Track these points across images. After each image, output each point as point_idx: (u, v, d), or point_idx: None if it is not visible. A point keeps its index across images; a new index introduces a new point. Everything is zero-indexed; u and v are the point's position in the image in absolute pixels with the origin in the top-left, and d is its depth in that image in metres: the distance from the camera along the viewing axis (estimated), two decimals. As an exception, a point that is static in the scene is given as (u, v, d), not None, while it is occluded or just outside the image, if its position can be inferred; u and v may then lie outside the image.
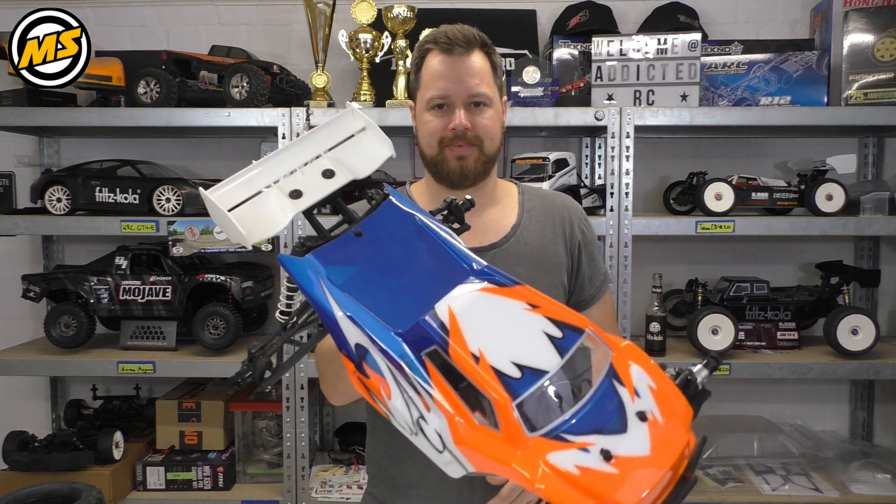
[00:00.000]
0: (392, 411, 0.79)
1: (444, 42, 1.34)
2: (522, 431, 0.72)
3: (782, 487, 2.47)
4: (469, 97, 1.34)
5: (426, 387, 0.75)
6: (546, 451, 0.70)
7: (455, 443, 0.74)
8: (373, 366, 0.80)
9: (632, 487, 0.67)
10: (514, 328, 0.79)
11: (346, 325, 0.81)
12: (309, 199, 0.88)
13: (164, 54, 2.56)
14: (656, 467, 0.69)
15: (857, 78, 2.45)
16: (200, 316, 2.45)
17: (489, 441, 0.72)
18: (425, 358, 0.76)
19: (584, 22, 2.67)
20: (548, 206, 1.49)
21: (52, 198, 2.48)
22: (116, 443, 2.48)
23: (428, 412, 0.75)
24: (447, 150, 1.36)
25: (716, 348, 2.40)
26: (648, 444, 0.72)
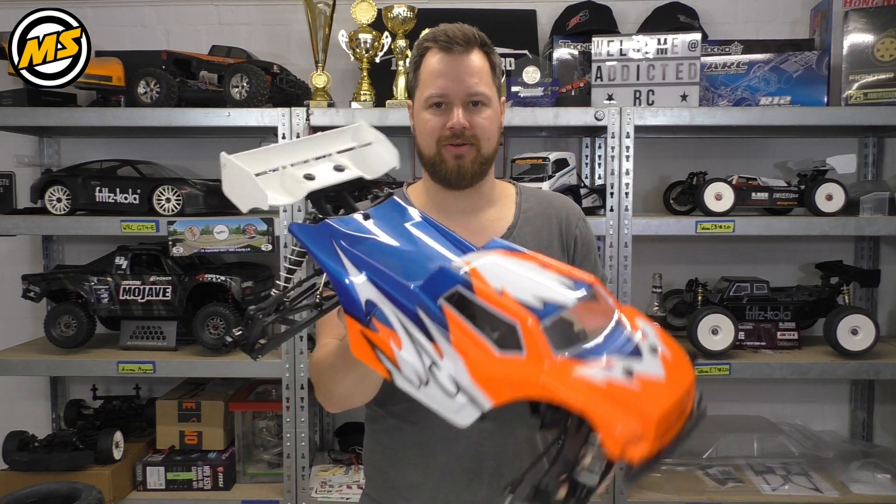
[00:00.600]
0: (400, 363, 0.81)
1: (443, 40, 1.34)
2: (549, 350, 0.74)
3: (782, 487, 2.47)
4: (467, 96, 1.34)
5: (443, 331, 0.78)
6: (572, 367, 0.73)
7: (474, 379, 0.76)
8: (382, 319, 0.83)
9: (653, 403, 0.70)
10: (530, 277, 0.83)
11: (358, 281, 0.84)
12: (321, 183, 0.91)
13: (164, 54, 2.56)
14: (672, 389, 0.74)
15: (857, 78, 2.45)
16: (200, 316, 2.45)
17: (512, 366, 0.75)
18: (443, 304, 0.79)
19: (584, 22, 2.67)
20: (545, 206, 1.48)
21: (52, 198, 2.48)
22: (116, 443, 2.48)
23: (441, 358, 0.78)
24: (445, 149, 1.36)
25: (716, 348, 2.40)
26: (663, 371, 0.75)
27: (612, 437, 0.69)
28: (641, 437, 0.69)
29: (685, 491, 2.47)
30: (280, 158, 0.89)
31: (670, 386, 0.74)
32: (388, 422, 1.43)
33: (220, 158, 0.87)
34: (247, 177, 0.85)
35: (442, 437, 1.37)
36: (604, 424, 0.69)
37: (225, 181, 0.88)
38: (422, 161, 1.42)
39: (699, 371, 2.38)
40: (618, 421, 0.69)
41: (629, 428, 0.68)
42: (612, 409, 0.69)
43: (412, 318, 0.81)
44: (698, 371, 2.37)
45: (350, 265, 0.86)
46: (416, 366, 0.81)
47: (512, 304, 0.77)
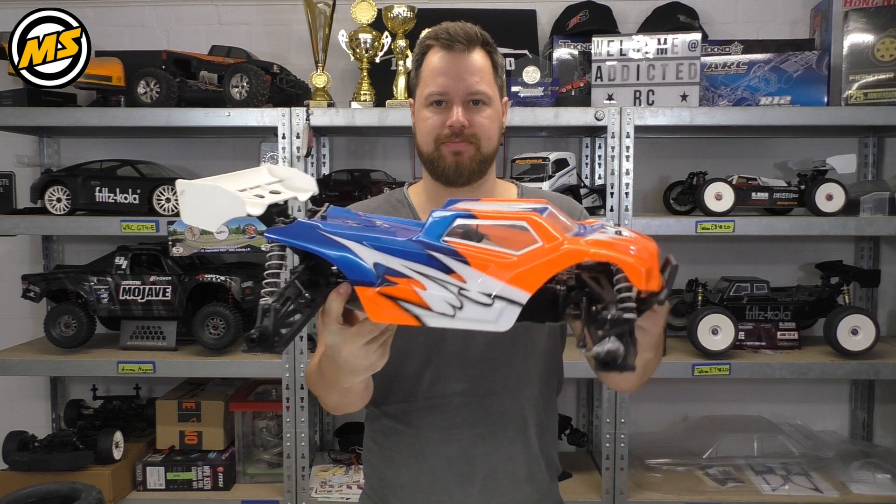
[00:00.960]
0: (428, 300, 0.88)
1: (444, 38, 1.33)
2: (560, 231, 0.88)
3: (782, 487, 2.47)
4: (468, 95, 1.33)
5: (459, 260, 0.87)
6: (580, 238, 0.87)
7: (506, 281, 0.85)
8: (395, 274, 0.89)
9: (648, 244, 0.87)
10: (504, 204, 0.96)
11: (359, 249, 0.89)
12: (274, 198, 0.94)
13: (164, 54, 2.55)
14: (650, 243, 0.89)
15: (857, 78, 2.45)
16: (200, 316, 2.45)
17: (534, 256, 0.86)
18: (448, 240, 0.88)
19: (584, 22, 2.67)
20: None
21: (52, 198, 2.48)
22: (116, 443, 2.48)
23: (465, 282, 0.87)
24: (443, 146, 1.35)
25: (716, 348, 2.40)
26: (636, 234, 0.91)
27: (636, 272, 0.82)
28: (653, 270, 0.84)
29: (685, 491, 2.47)
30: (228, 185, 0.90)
31: (648, 240, 0.90)
32: (383, 422, 1.44)
33: (176, 187, 0.87)
34: (218, 191, 0.86)
35: (435, 439, 1.37)
36: (626, 264, 0.82)
37: (186, 208, 0.88)
38: (421, 159, 1.42)
39: (699, 371, 2.38)
40: (636, 259, 0.82)
41: (643, 262, 0.83)
42: (628, 253, 0.83)
43: (424, 262, 0.88)
44: (698, 371, 2.38)
45: (345, 241, 0.90)
46: (445, 296, 0.87)
47: (511, 213, 0.89)
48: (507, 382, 1.37)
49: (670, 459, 2.65)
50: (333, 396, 1.27)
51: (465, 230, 0.89)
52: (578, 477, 2.59)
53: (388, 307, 0.90)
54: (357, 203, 1.50)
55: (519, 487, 1.40)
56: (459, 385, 1.36)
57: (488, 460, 1.37)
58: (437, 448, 1.37)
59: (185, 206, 0.88)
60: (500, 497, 1.38)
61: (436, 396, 1.36)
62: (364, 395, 1.30)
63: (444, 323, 0.89)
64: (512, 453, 1.39)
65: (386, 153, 2.90)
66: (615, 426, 2.41)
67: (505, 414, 1.38)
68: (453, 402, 1.36)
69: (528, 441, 1.41)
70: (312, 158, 2.73)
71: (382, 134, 2.85)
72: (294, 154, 2.38)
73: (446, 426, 1.37)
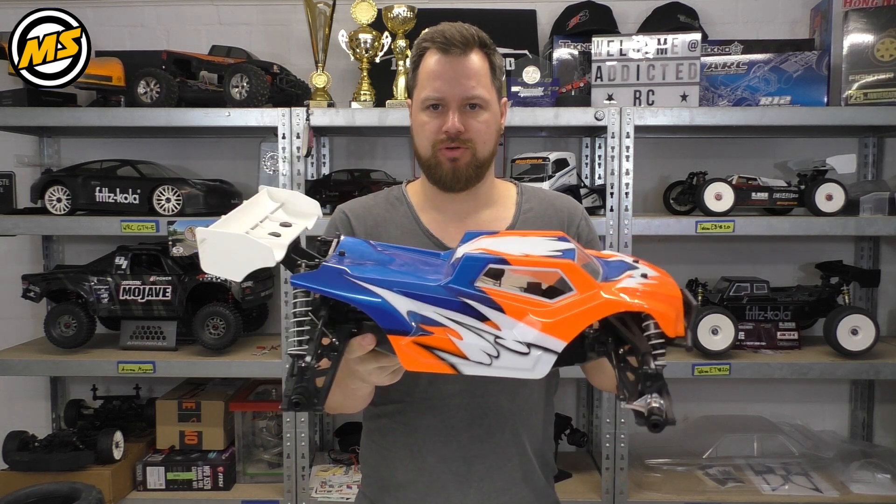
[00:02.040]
0: (465, 350, 0.88)
1: (440, 41, 1.32)
2: (594, 279, 0.89)
3: (782, 487, 2.47)
4: (463, 99, 1.32)
5: (493, 308, 0.87)
6: (612, 286, 0.89)
7: (542, 330, 0.86)
8: (429, 322, 0.88)
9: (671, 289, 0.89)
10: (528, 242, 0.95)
11: (392, 298, 0.88)
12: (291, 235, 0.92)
13: (164, 54, 2.56)
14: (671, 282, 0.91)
15: (857, 78, 2.45)
16: (200, 316, 2.46)
17: (570, 305, 0.87)
18: (480, 286, 0.87)
19: (584, 22, 2.67)
20: (546, 207, 1.47)
21: (52, 198, 2.48)
22: (116, 443, 2.48)
23: (500, 330, 0.87)
24: (440, 152, 1.35)
25: (716, 348, 2.40)
26: (657, 273, 0.94)
27: (669, 322, 0.85)
28: (679, 315, 0.87)
29: (685, 491, 2.46)
30: (241, 225, 0.88)
31: (668, 278, 0.92)
32: (381, 421, 1.44)
33: (196, 235, 0.84)
34: (245, 240, 0.83)
35: (432, 439, 1.37)
36: (662, 315, 0.84)
37: (207, 257, 0.84)
38: (419, 162, 1.41)
39: (699, 371, 2.38)
40: (667, 308, 0.85)
41: (675, 311, 0.85)
42: (660, 302, 0.85)
43: (457, 309, 0.87)
44: (698, 371, 2.38)
45: (375, 287, 0.88)
46: (481, 345, 0.88)
47: (545, 260, 0.89)
48: (504, 384, 1.36)
49: (670, 459, 2.65)
50: (336, 395, 1.27)
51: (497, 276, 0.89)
52: (578, 477, 2.59)
53: (423, 356, 0.90)
54: (354, 200, 1.50)
55: (516, 488, 1.40)
56: (457, 386, 1.36)
57: (485, 461, 1.37)
58: (433, 448, 1.38)
59: (206, 255, 0.85)
60: (496, 497, 1.38)
61: (433, 397, 1.37)
62: (366, 399, 1.31)
63: (481, 371, 0.89)
64: (509, 455, 1.39)
65: (386, 153, 2.90)
66: (615, 426, 2.41)
67: (502, 416, 1.38)
68: (450, 403, 1.36)
69: (525, 442, 1.41)
70: (312, 158, 2.74)
71: (382, 134, 2.85)
72: (294, 154, 2.38)
73: (443, 427, 1.37)
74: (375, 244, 1.05)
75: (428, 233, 1.41)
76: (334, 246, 0.99)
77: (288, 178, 2.39)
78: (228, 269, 0.85)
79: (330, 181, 2.61)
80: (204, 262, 0.86)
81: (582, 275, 0.87)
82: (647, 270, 0.93)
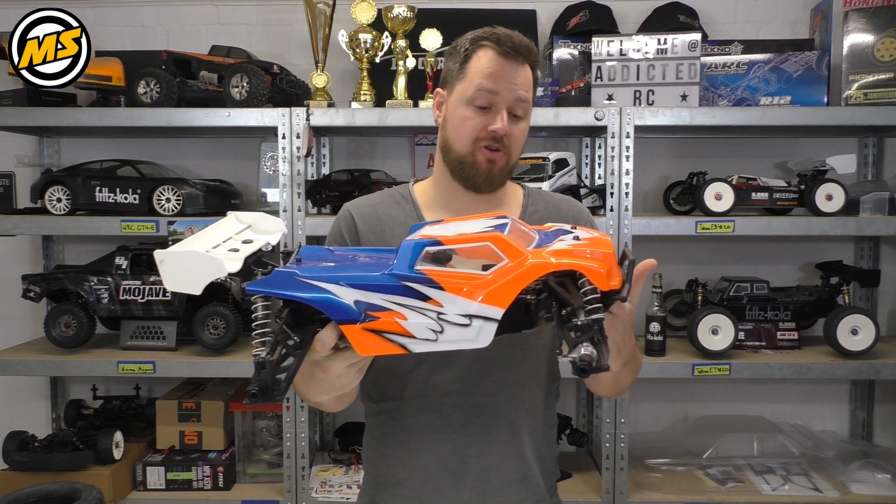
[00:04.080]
0: (411, 329, 0.93)
1: (508, 45, 1.31)
2: (523, 247, 0.94)
3: (782, 487, 2.47)
4: (515, 102, 1.33)
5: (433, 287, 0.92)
6: (542, 250, 0.95)
7: (481, 300, 0.91)
8: (376, 309, 0.93)
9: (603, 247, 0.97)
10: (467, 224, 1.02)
11: (338, 290, 0.93)
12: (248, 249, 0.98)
13: (164, 54, 2.55)
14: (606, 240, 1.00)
15: (857, 78, 2.45)
16: (200, 316, 2.46)
17: (503, 273, 0.92)
18: (420, 268, 0.93)
19: (584, 22, 2.67)
20: (551, 210, 1.47)
21: (52, 198, 2.48)
22: (116, 443, 2.48)
23: (443, 307, 0.92)
24: (479, 150, 1.34)
25: (716, 348, 2.40)
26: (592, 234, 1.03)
27: (599, 276, 0.90)
28: (612, 270, 0.93)
29: (685, 491, 2.47)
30: (201, 245, 0.95)
31: (603, 237, 1.01)
32: (380, 418, 1.44)
33: (154, 257, 0.92)
34: (195, 256, 0.91)
35: (428, 437, 1.37)
36: (590, 270, 0.90)
37: (168, 276, 0.93)
38: (447, 157, 1.39)
39: (699, 371, 2.38)
40: (597, 264, 0.91)
41: (605, 265, 0.91)
42: (588, 259, 0.92)
43: (401, 293, 0.92)
44: (698, 371, 2.38)
45: (324, 284, 0.94)
46: (426, 323, 0.93)
47: (476, 235, 0.95)
48: (502, 384, 1.36)
49: (670, 459, 2.65)
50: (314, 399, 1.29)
51: (436, 254, 0.94)
52: (578, 477, 2.59)
53: (374, 340, 0.94)
54: (360, 198, 1.50)
55: (511, 489, 1.40)
56: (454, 385, 1.36)
57: (481, 460, 1.37)
58: (430, 446, 1.38)
59: (166, 274, 0.93)
60: (491, 498, 1.38)
61: (429, 395, 1.37)
62: (339, 405, 1.32)
63: (429, 347, 0.94)
64: (505, 455, 1.38)
65: (386, 153, 2.90)
66: (615, 426, 2.41)
67: (499, 415, 1.37)
68: (447, 402, 1.36)
69: (523, 444, 1.40)
70: (312, 158, 2.74)
71: (382, 134, 2.85)
72: (294, 154, 2.38)
73: (440, 425, 1.37)
74: (334, 249, 1.11)
75: None
76: (294, 254, 1.05)
77: (288, 178, 2.39)
78: (187, 284, 0.92)
79: (330, 181, 2.61)
80: (166, 281, 0.94)
81: (510, 244, 0.93)
82: (581, 233, 1.01)
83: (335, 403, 1.31)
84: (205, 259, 0.90)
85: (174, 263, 0.92)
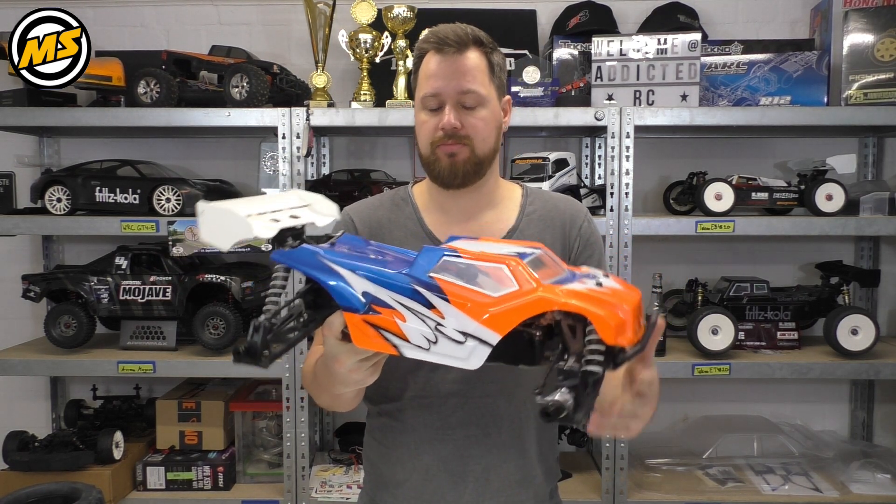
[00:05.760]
0: (407, 332, 0.92)
1: (434, 41, 1.33)
2: (538, 279, 0.88)
3: (782, 487, 2.47)
4: (458, 94, 1.32)
5: (440, 297, 0.89)
6: (557, 287, 0.88)
7: (480, 321, 0.88)
8: (381, 304, 0.92)
9: (625, 300, 0.86)
10: (496, 246, 0.98)
11: (352, 278, 0.93)
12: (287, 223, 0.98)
13: (164, 54, 2.55)
14: (633, 294, 0.90)
15: (857, 78, 2.45)
16: (200, 316, 2.45)
17: (509, 298, 0.87)
18: (433, 275, 0.91)
19: (584, 22, 2.67)
20: (549, 209, 1.46)
21: (52, 198, 2.48)
22: (116, 443, 2.48)
23: (444, 318, 0.89)
24: (438, 149, 1.35)
25: (716, 348, 2.40)
26: (619, 286, 0.91)
27: (606, 326, 0.82)
28: (624, 325, 0.83)
29: (685, 491, 2.47)
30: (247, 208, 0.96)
31: (630, 291, 0.91)
32: (381, 419, 1.45)
33: (197, 208, 0.93)
34: (230, 214, 0.92)
35: (429, 438, 1.38)
36: (597, 317, 0.82)
37: (203, 226, 0.94)
38: (421, 162, 1.42)
39: (699, 371, 2.38)
40: (607, 313, 0.82)
41: (615, 317, 0.82)
42: (600, 306, 0.83)
43: (409, 295, 0.91)
44: (698, 371, 2.38)
45: (340, 269, 0.94)
46: (423, 330, 0.91)
47: (495, 256, 0.91)
48: (502, 385, 1.36)
49: (670, 459, 2.65)
50: (325, 398, 1.30)
51: (460, 269, 0.91)
52: (578, 477, 2.59)
53: (371, 334, 0.94)
54: (360, 202, 1.51)
55: (512, 490, 1.40)
56: (454, 386, 1.36)
57: (481, 461, 1.37)
58: (430, 447, 1.38)
59: (203, 225, 0.93)
60: (492, 498, 1.38)
61: (430, 396, 1.37)
62: (354, 401, 1.31)
63: (419, 355, 0.93)
64: (506, 456, 1.39)
65: (386, 153, 2.90)
66: (615, 426, 2.41)
67: (500, 416, 1.38)
68: (448, 403, 1.36)
69: (524, 444, 1.40)
70: (312, 158, 2.74)
71: (382, 134, 2.85)
72: (294, 154, 2.38)
73: (440, 426, 1.37)
74: (373, 243, 1.09)
75: (431, 234, 1.41)
76: (333, 239, 1.05)
77: (288, 178, 2.39)
78: (218, 239, 0.93)
79: (330, 181, 2.61)
80: (201, 232, 0.94)
81: (523, 272, 0.89)
82: (608, 281, 0.91)
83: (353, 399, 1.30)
84: (238, 220, 0.91)
85: (212, 217, 0.92)
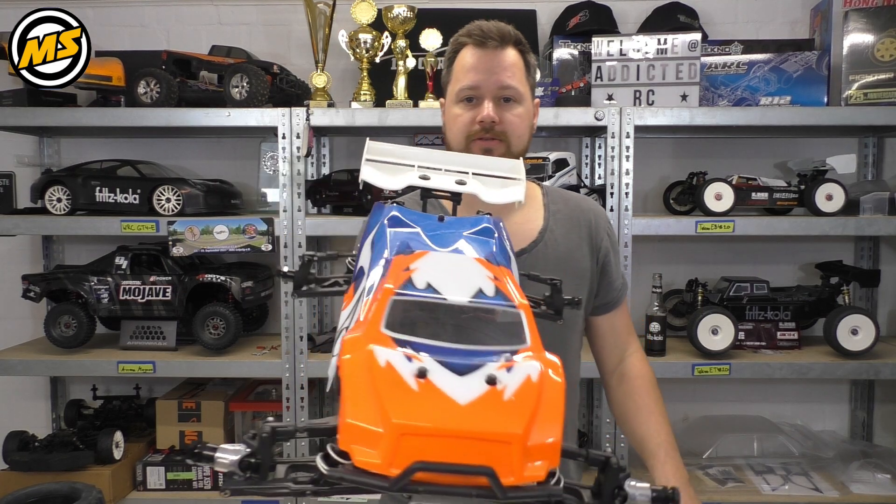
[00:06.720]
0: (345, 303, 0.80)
1: (477, 35, 1.33)
2: (378, 321, 0.60)
3: (782, 487, 2.47)
4: (499, 90, 1.32)
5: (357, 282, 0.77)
6: (380, 342, 0.58)
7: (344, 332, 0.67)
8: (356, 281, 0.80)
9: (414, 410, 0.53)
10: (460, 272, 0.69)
11: (365, 249, 0.82)
12: (428, 184, 0.91)
13: (164, 54, 2.55)
14: (461, 419, 0.53)
15: (857, 78, 2.45)
16: (200, 316, 2.45)
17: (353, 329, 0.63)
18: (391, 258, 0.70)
19: (584, 22, 2.67)
20: (572, 208, 1.45)
21: (52, 198, 2.48)
22: (116, 443, 2.48)
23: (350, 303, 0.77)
24: (474, 143, 1.33)
25: (716, 348, 2.40)
26: (471, 400, 0.54)
27: (343, 422, 0.54)
28: (376, 441, 0.52)
29: (685, 491, 2.46)
30: (415, 158, 0.95)
31: (467, 416, 0.53)
32: None
33: (367, 143, 0.97)
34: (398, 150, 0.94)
35: None
36: (345, 401, 0.54)
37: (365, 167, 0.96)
38: None
39: (699, 371, 2.38)
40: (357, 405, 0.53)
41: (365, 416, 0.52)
42: (362, 390, 0.53)
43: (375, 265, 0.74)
44: (698, 371, 2.38)
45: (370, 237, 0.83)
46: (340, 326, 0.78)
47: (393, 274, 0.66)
48: None
49: (670, 459, 2.65)
50: None
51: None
52: (578, 477, 2.59)
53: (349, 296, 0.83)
54: None
55: None
56: None
57: None
58: None
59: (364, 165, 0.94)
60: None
61: None
62: None
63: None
64: None
65: (386, 153, 2.90)
66: (615, 426, 2.41)
67: None
68: None
69: None
70: (312, 158, 2.74)
71: (382, 134, 2.85)
72: (294, 154, 2.38)
73: None
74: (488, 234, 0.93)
75: None
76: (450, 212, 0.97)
77: (288, 178, 2.39)
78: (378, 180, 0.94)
79: (330, 181, 2.61)
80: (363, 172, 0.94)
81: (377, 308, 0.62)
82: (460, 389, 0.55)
83: None
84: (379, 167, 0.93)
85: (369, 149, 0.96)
